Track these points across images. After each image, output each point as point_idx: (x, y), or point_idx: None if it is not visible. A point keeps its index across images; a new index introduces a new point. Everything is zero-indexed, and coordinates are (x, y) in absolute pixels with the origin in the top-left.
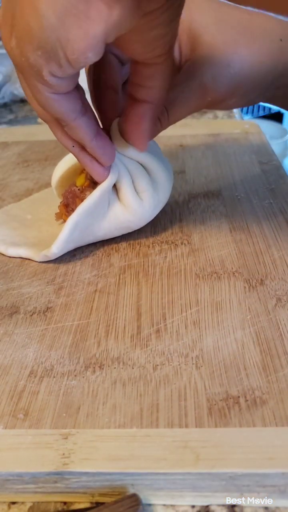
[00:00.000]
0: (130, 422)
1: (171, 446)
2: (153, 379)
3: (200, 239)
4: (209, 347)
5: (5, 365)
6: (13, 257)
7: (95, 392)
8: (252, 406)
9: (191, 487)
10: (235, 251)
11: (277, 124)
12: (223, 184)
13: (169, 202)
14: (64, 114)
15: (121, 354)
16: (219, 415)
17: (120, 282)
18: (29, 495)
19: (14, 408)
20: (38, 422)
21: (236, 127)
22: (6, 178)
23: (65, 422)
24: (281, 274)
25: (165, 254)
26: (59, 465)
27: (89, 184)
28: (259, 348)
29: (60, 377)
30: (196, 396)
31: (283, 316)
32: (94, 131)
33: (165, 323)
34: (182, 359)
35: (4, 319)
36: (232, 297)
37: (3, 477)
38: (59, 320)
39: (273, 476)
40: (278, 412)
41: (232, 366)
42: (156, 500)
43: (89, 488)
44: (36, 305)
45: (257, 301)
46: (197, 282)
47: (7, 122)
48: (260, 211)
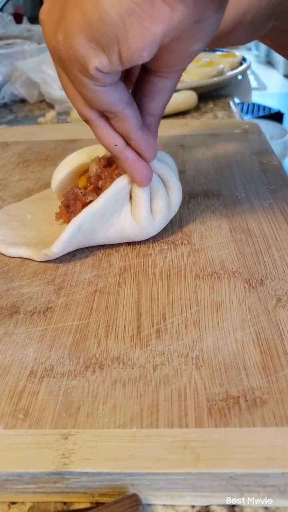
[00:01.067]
0: (130, 422)
1: (171, 446)
2: (153, 379)
3: (200, 239)
4: (209, 347)
5: (5, 365)
6: (13, 257)
7: (95, 392)
8: (252, 406)
9: (191, 487)
10: (235, 251)
11: (277, 124)
12: (223, 184)
13: None
14: (113, 105)
15: (121, 354)
16: (219, 415)
17: (120, 282)
18: (29, 495)
19: (14, 408)
20: (38, 422)
21: (236, 127)
22: (6, 178)
23: (65, 422)
24: (281, 274)
25: (165, 254)
26: (59, 465)
27: (93, 188)
28: (259, 348)
29: (60, 377)
30: (196, 396)
31: (283, 316)
32: (140, 122)
33: (165, 323)
34: (182, 359)
35: (4, 319)
36: (232, 297)
37: (3, 477)
38: (59, 320)
39: (273, 476)
40: (278, 412)
41: (232, 366)
42: (156, 500)
43: (89, 488)
44: (36, 305)
45: (257, 301)
46: (197, 282)
47: (7, 122)
48: (260, 211)
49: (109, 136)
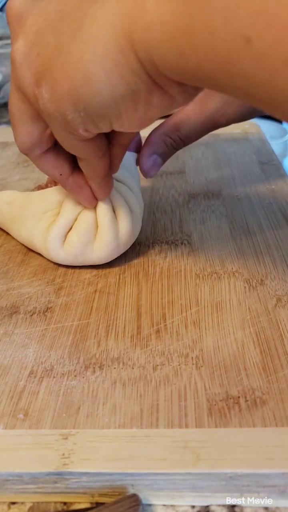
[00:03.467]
0: (130, 422)
1: (171, 446)
2: (153, 379)
3: (200, 239)
4: (209, 347)
5: (5, 365)
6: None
7: (95, 392)
8: (252, 407)
9: (191, 487)
10: (235, 251)
11: (277, 124)
12: (223, 184)
13: (169, 202)
14: (91, 154)
15: (121, 354)
16: (219, 415)
17: (120, 282)
18: (29, 495)
19: (14, 408)
20: (38, 422)
21: (236, 127)
22: (6, 178)
23: (65, 422)
24: (281, 274)
25: (165, 254)
26: (59, 466)
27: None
28: (259, 348)
29: (60, 377)
30: (196, 396)
31: (283, 316)
32: (108, 170)
33: (165, 323)
34: (182, 359)
35: (4, 319)
36: (232, 297)
37: (3, 477)
38: (59, 320)
39: (273, 476)
40: (278, 413)
41: (232, 366)
42: (156, 500)
43: (89, 488)
44: (36, 305)
45: (257, 301)
46: (197, 282)
47: (7, 122)
48: (260, 211)
49: (53, 167)
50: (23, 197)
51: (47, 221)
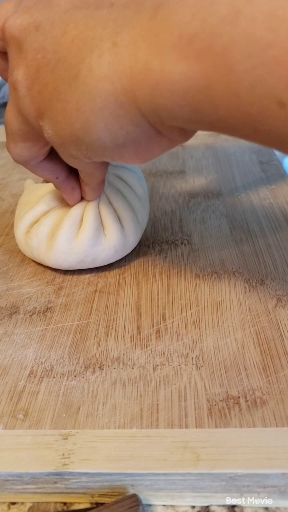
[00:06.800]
0: (130, 422)
1: (171, 446)
2: (153, 380)
3: (200, 239)
4: (209, 347)
5: (5, 365)
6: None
7: (95, 393)
8: (252, 407)
9: (191, 488)
10: (235, 251)
11: None
12: (223, 184)
13: (169, 202)
14: (94, 169)
15: (121, 354)
16: (219, 416)
17: (120, 282)
18: (29, 496)
19: (14, 408)
20: (38, 422)
21: None
22: (6, 178)
23: (65, 423)
24: (281, 274)
25: (165, 254)
26: (58, 466)
27: None
28: (259, 348)
29: (60, 377)
30: (196, 397)
31: (284, 316)
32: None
33: (165, 323)
34: (182, 359)
35: (4, 319)
36: (232, 297)
37: (3, 477)
38: (59, 320)
39: (273, 476)
40: (279, 413)
41: (232, 367)
42: (156, 500)
43: (89, 488)
44: (36, 305)
45: (257, 301)
46: (197, 282)
47: None
48: (260, 211)
49: (49, 173)
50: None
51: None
